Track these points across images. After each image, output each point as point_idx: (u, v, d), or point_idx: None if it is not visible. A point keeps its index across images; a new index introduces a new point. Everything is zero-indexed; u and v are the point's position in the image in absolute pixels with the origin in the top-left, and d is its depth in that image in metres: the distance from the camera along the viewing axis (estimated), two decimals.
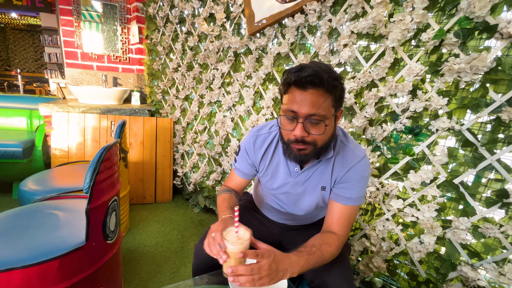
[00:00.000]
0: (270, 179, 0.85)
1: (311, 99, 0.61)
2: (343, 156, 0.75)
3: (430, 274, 1.07)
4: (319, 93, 0.61)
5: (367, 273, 1.23)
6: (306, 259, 0.62)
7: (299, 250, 0.65)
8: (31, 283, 0.77)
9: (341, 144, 0.76)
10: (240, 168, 0.89)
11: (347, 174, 0.75)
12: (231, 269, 0.54)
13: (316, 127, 0.64)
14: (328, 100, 0.62)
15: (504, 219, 0.90)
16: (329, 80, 0.60)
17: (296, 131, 0.64)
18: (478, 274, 0.93)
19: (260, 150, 0.83)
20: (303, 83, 0.61)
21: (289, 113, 0.65)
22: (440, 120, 0.96)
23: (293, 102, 0.63)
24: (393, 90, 1.06)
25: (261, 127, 0.86)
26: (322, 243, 0.68)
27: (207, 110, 1.96)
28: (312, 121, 0.63)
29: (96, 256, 0.94)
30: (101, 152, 0.94)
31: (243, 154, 0.87)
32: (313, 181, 0.80)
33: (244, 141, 0.87)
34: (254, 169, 0.88)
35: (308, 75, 0.60)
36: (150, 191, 2.23)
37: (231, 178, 0.93)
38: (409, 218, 1.06)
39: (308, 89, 0.61)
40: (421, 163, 1.05)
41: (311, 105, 0.61)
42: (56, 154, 1.94)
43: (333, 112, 0.65)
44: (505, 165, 0.88)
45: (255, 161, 0.85)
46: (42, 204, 1.14)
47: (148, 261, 1.50)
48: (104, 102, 2.27)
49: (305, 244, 0.68)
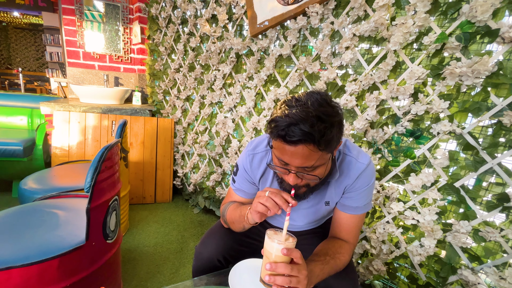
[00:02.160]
0: None
1: (302, 153, 0.54)
2: (347, 167, 0.72)
3: (430, 277, 1.07)
4: (311, 148, 0.54)
5: (367, 276, 1.22)
6: (321, 268, 0.61)
7: (312, 259, 0.63)
8: (30, 282, 0.77)
9: (344, 156, 0.73)
10: (241, 188, 0.83)
11: (354, 184, 0.72)
12: (270, 265, 0.51)
13: (311, 175, 0.60)
14: (322, 153, 0.56)
15: (505, 223, 0.90)
16: (322, 138, 0.52)
17: (289, 180, 0.61)
18: (479, 278, 0.92)
19: (258, 169, 0.78)
20: (292, 141, 0.53)
21: (281, 162, 0.60)
22: (441, 124, 0.96)
23: (283, 154, 0.57)
24: (394, 93, 1.06)
25: (257, 143, 0.79)
26: (336, 252, 0.67)
27: (208, 111, 1.96)
28: (306, 172, 0.59)
29: (96, 255, 0.94)
30: (103, 152, 0.94)
31: (242, 174, 0.81)
32: (317, 199, 0.78)
33: (241, 161, 0.81)
34: (256, 188, 0.83)
35: (297, 140, 0.52)
36: (150, 191, 2.22)
37: (231, 198, 0.86)
38: (409, 221, 1.06)
39: (298, 144, 0.53)
40: (422, 166, 1.05)
41: (304, 159, 0.56)
42: (57, 153, 1.94)
43: (329, 156, 0.60)
44: (506, 169, 0.88)
45: (255, 180, 0.80)
46: (42, 203, 1.13)
47: (148, 261, 1.49)
48: (105, 101, 2.27)
49: (318, 253, 0.66)
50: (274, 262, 0.54)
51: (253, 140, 0.81)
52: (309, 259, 0.64)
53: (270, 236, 0.57)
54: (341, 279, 0.71)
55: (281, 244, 0.54)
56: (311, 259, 0.63)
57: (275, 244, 0.54)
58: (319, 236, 0.86)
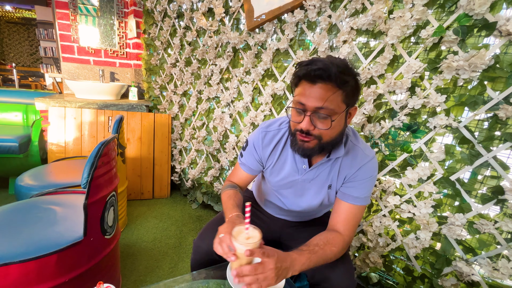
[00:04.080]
0: (276, 176, 0.84)
1: (319, 92, 0.61)
2: (353, 156, 0.75)
3: (425, 269, 1.08)
4: (328, 87, 0.61)
5: (364, 268, 1.24)
6: (307, 257, 0.62)
7: (300, 248, 0.65)
8: (29, 278, 0.77)
9: (351, 144, 0.76)
10: (246, 164, 0.87)
11: (356, 173, 0.74)
12: (236, 271, 0.53)
13: (323, 122, 0.64)
14: (337, 95, 0.62)
15: (499, 215, 0.91)
16: (338, 74, 0.60)
17: (303, 124, 0.65)
18: (472, 269, 0.94)
19: (269, 147, 0.82)
20: (312, 76, 0.61)
21: (298, 105, 0.65)
22: (437, 117, 0.97)
23: (302, 95, 0.64)
24: (391, 87, 1.06)
25: (271, 123, 0.84)
26: (327, 243, 0.68)
27: (205, 106, 1.95)
28: (320, 115, 0.63)
29: (94, 251, 0.94)
30: (99, 147, 0.94)
31: (250, 150, 0.85)
32: (320, 179, 0.79)
33: (253, 137, 0.85)
34: (261, 165, 0.87)
35: (317, 68, 0.60)
36: (148, 187, 2.22)
37: (236, 173, 0.92)
38: (405, 214, 1.07)
39: (317, 82, 0.61)
40: (418, 160, 1.06)
41: (319, 99, 0.62)
42: (53, 149, 1.92)
43: (344, 108, 0.64)
44: (501, 162, 0.89)
45: (263, 158, 0.84)
46: (39, 199, 1.13)
47: (146, 256, 1.50)
48: (101, 97, 2.25)
49: (308, 243, 0.68)
50: (239, 265, 0.57)
51: (267, 121, 0.87)
52: (299, 248, 0.65)
53: (235, 236, 0.59)
54: (337, 270, 0.72)
55: (242, 245, 0.56)
56: (300, 248, 0.65)
57: (237, 245, 0.57)
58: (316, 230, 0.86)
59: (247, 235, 0.60)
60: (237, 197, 0.82)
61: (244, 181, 0.91)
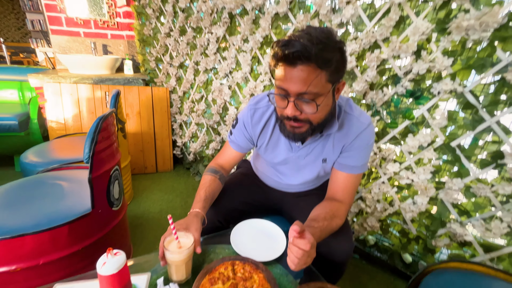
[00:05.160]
0: (270, 154, 0.84)
1: (300, 76, 0.56)
2: (348, 126, 0.72)
3: (420, 231, 1.13)
4: (309, 69, 0.55)
5: (361, 232, 1.30)
6: (319, 235, 0.63)
7: (312, 225, 0.64)
8: (44, 247, 0.82)
9: (345, 114, 0.73)
10: (236, 141, 0.85)
11: (353, 142, 0.73)
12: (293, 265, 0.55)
13: (308, 106, 0.60)
14: (321, 76, 0.56)
15: (497, 179, 0.92)
16: (320, 54, 0.53)
17: (288, 110, 0.61)
18: (466, 230, 0.98)
19: (259, 124, 0.79)
20: (290, 59, 0.55)
21: (280, 91, 0.61)
22: (442, 82, 0.94)
23: (283, 79, 0.58)
24: (396, 51, 1.01)
25: (260, 98, 0.80)
26: (333, 216, 0.69)
27: (203, 78, 1.89)
28: (304, 99, 0.59)
29: (103, 222, 0.99)
30: (97, 122, 0.93)
31: (240, 127, 0.83)
32: (314, 155, 0.78)
33: (242, 115, 0.82)
34: (251, 143, 0.85)
35: (294, 51, 0.53)
36: (151, 161, 2.26)
37: (224, 152, 0.90)
38: (404, 181, 1.09)
39: (297, 65, 0.55)
40: (420, 127, 1.05)
41: (301, 83, 0.56)
42: (53, 127, 1.92)
43: (330, 87, 0.60)
44: (503, 127, 0.88)
45: (253, 135, 0.82)
46: (45, 175, 1.15)
47: (154, 226, 1.57)
48: (95, 71, 2.18)
49: (317, 217, 0.67)
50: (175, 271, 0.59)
51: (256, 96, 0.82)
52: (307, 224, 0.65)
53: (166, 246, 0.59)
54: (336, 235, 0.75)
55: (173, 254, 0.57)
56: (309, 225, 0.65)
57: (169, 255, 0.57)
58: (316, 198, 0.88)
59: (178, 244, 0.61)
60: (211, 187, 0.80)
61: (231, 160, 0.89)
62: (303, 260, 0.54)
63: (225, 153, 0.89)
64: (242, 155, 0.89)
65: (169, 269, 0.60)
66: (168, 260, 0.59)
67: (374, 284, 1.23)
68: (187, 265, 0.60)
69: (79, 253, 0.89)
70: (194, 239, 0.62)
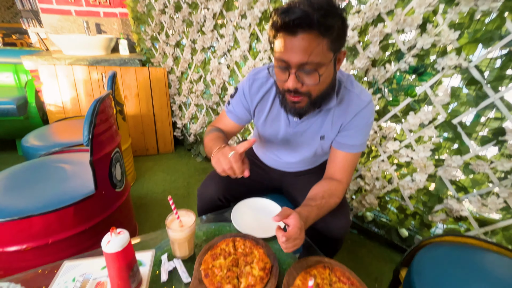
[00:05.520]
0: (269, 128, 0.82)
1: (302, 45, 0.53)
2: (347, 103, 0.70)
3: (417, 207, 1.16)
4: (311, 37, 0.52)
5: (360, 208, 1.33)
6: (316, 213, 0.64)
7: (309, 204, 0.65)
8: (52, 227, 0.85)
9: (345, 90, 0.70)
10: (234, 111, 0.82)
11: (352, 120, 0.71)
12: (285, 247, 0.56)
13: (311, 77, 0.58)
14: (322, 44, 0.54)
15: (496, 156, 0.92)
16: (322, 20, 0.50)
17: (289, 83, 0.59)
18: (462, 205, 1.00)
19: (257, 95, 0.77)
20: (291, 27, 0.52)
21: (280, 63, 0.58)
22: (447, 57, 0.90)
23: (283, 50, 0.56)
24: (400, 25, 0.97)
25: (260, 70, 0.78)
26: (331, 195, 0.70)
27: (200, 57, 1.84)
28: (306, 70, 0.57)
29: (108, 202, 1.01)
30: (95, 105, 0.92)
31: (239, 97, 0.80)
32: (312, 131, 0.77)
33: (242, 84, 0.80)
34: (249, 114, 0.83)
35: (295, 18, 0.50)
36: (152, 143, 2.27)
37: (221, 121, 0.86)
38: (403, 159, 1.10)
39: (298, 33, 0.52)
40: (421, 104, 1.03)
41: (303, 53, 0.54)
42: (52, 110, 1.91)
43: (331, 56, 0.57)
44: (507, 103, 0.87)
45: (251, 106, 0.80)
46: (47, 159, 1.17)
47: (158, 205, 1.62)
48: (90, 52, 2.12)
49: (315, 196, 0.68)
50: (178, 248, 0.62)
51: (256, 68, 0.80)
52: (305, 203, 0.66)
53: (168, 225, 0.61)
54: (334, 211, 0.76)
55: (176, 232, 0.59)
56: (308, 204, 0.65)
57: (171, 232, 0.59)
58: (315, 177, 0.88)
59: (180, 223, 0.62)
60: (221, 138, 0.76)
61: (229, 128, 0.85)
62: (291, 244, 0.56)
63: (221, 123, 0.86)
64: (239, 128, 0.86)
65: (173, 246, 0.63)
66: (171, 237, 0.61)
67: (371, 258, 1.29)
68: (189, 242, 0.62)
69: (86, 232, 0.93)
70: (239, 151, 0.61)
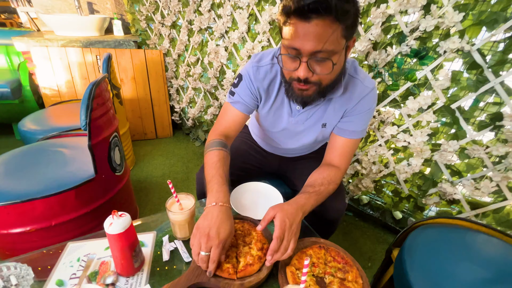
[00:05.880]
0: (271, 118, 0.80)
1: (316, 31, 0.49)
2: (352, 90, 0.68)
3: (412, 191, 1.19)
4: (326, 23, 0.49)
5: (356, 192, 1.36)
6: (315, 199, 0.64)
7: (307, 191, 0.66)
8: (54, 210, 0.87)
9: (350, 77, 0.68)
10: (241, 100, 0.75)
11: (356, 106, 0.70)
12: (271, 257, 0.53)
13: (323, 65, 0.55)
14: (337, 31, 0.50)
15: (492, 141, 0.93)
16: (339, 4, 0.47)
17: (300, 72, 0.55)
18: (456, 189, 1.03)
19: (263, 82, 0.72)
20: (305, 12, 0.48)
21: (291, 51, 0.54)
22: (450, 40, 0.89)
23: (294, 37, 0.52)
24: (404, 6, 0.94)
25: (261, 56, 0.73)
26: (330, 181, 0.70)
27: (197, 39, 1.79)
28: (318, 58, 0.53)
29: (108, 186, 1.03)
30: (91, 88, 0.91)
31: (246, 84, 0.73)
32: (314, 119, 0.75)
33: (245, 70, 0.74)
34: (256, 102, 0.76)
35: (311, 2, 0.47)
36: (150, 128, 2.26)
37: (226, 117, 0.78)
38: (401, 143, 1.11)
39: (312, 19, 0.48)
40: (421, 89, 1.02)
41: (317, 40, 0.50)
42: (47, 94, 1.88)
43: (344, 44, 0.54)
44: (507, 88, 0.86)
45: (261, 90, 0.73)
46: (46, 143, 1.17)
47: (158, 189, 1.64)
48: (83, 33, 2.05)
49: (313, 183, 0.68)
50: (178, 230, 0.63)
51: (256, 54, 0.75)
52: (303, 190, 0.66)
53: (168, 207, 0.62)
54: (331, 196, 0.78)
55: (176, 215, 0.61)
56: (307, 190, 0.66)
57: (171, 215, 0.61)
58: (313, 161, 0.89)
59: (180, 206, 0.63)
60: (226, 165, 0.69)
61: (236, 125, 0.78)
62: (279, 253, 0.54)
63: (227, 118, 0.78)
64: (246, 118, 0.78)
65: (173, 228, 0.65)
66: (171, 220, 0.62)
67: (365, 239, 1.33)
68: (189, 224, 0.64)
69: (88, 215, 0.95)
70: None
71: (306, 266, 0.45)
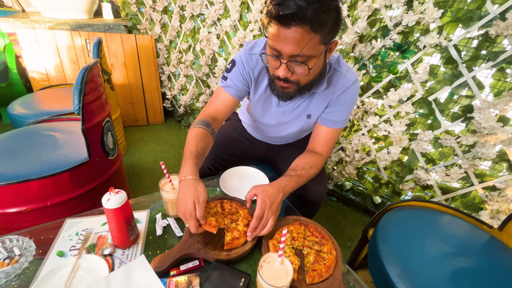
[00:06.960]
0: (262, 105, 0.85)
1: (294, 37, 0.54)
2: (335, 83, 0.74)
3: (391, 177, 1.27)
4: (303, 31, 0.53)
5: (340, 178, 1.44)
6: (296, 181, 0.70)
7: (289, 174, 0.71)
8: (49, 191, 0.90)
9: (334, 71, 0.74)
10: (233, 85, 0.77)
11: (338, 98, 0.75)
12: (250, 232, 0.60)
13: (301, 67, 0.60)
14: (314, 39, 0.55)
15: (463, 131, 1.01)
16: (316, 16, 0.51)
17: (280, 72, 0.62)
18: (429, 175, 1.11)
19: (255, 69, 0.77)
20: (284, 19, 0.52)
21: (273, 51, 0.60)
22: (429, 36, 0.94)
23: (276, 39, 0.57)
24: (389, 1, 0.98)
25: (253, 45, 0.77)
26: (311, 166, 0.75)
27: (189, 26, 1.78)
28: (297, 61, 0.59)
29: (101, 169, 1.06)
30: (83, 73, 0.92)
31: (239, 69, 0.77)
32: (299, 110, 0.81)
33: (238, 57, 0.78)
34: (247, 88, 0.80)
35: (290, 13, 0.51)
36: (141, 114, 2.26)
37: (217, 100, 0.80)
38: (381, 133, 1.18)
39: (292, 26, 0.53)
40: (402, 81, 1.08)
41: (295, 45, 0.55)
42: (35, 77, 1.85)
43: (323, 49, 0.59)
44: (478, 82, 0.93)
45: (251, 78, 0.78)
46: (37, 127, 1.18)
47: (150, 174, 1.68)
48: (71, 15, 2.00)
49: (295, 167, 0.74)
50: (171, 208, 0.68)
51: (248, 42, 0.79)
52: (286, 174, 0.72)
53: (161, 187, 0.67)
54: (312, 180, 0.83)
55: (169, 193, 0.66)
56: (289, 173, 0.72)
57: (164, 194, 0.67)
58: (297, 148, 0.95)
59: (172, 186, 0.68)
60: (203, 141, 0.71)
61: (226, 109, 0.80)
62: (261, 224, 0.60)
63: (218, 101, 0.80)
64: (236, 103, 0.81)
65: (166, 206, 0.70)
66: (164, 198, 0.67)
67: (346, 221, 1.43)
68: None
69: (83, 196, 0.98)
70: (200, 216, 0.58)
71: (283, 235, 0.51)
